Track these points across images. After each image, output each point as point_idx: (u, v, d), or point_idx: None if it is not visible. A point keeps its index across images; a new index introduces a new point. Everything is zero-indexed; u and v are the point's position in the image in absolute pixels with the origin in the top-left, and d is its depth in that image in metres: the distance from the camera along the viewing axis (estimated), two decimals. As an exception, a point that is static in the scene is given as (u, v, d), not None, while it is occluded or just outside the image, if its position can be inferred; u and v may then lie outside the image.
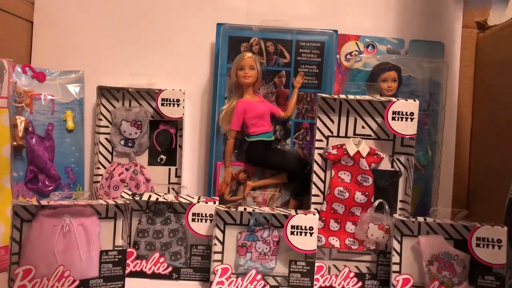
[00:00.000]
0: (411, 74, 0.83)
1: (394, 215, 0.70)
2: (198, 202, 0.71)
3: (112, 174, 0.84)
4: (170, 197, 0.73)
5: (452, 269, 0.67)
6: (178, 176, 0.87)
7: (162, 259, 0.72)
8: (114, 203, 0.68)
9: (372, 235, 0.71)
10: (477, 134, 0.89)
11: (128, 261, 0.71)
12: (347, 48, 0.86)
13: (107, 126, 0.86)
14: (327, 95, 0.73)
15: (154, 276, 0.72)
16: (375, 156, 0.73)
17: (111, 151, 0.86)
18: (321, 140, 0.74)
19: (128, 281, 0.69)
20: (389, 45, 0.86)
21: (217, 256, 0.68)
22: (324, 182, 0.74)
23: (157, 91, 0.84)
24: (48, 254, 0.64)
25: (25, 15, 0.88)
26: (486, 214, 0.82)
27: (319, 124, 0.74)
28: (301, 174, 0.79)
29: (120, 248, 0.68)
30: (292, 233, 0.67)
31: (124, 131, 0.85)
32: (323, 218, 0.73)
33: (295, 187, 0.81)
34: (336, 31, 0.82)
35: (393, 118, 0.71)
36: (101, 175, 0.86)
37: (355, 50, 0.86)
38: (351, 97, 0.73)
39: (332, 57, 0.81)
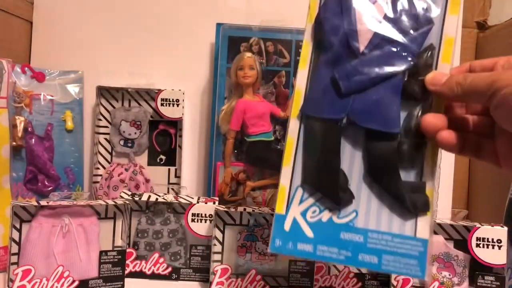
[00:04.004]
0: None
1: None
2: (198, 202, 0.71)
3: (111, 174, 0.84)
4: (170, 198, 0.73)
5: (452, 269, 0.67)
6: (177, 176, 0.86)
7: (161, 260, 0.72)
8: (113, 203, 0.68)
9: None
10: (477, 134, 0.89)
11: (127, 262, 0.70)
12: (347, 48, 0.86)
13: (106, 126, 0.86)
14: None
15: (154, 276, 0.71)
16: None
17: (110, 151, 0.86)
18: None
19: (128, 281, 0.69)
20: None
21: (216, 257, 0.68)
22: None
23: (156, 91, 0.84)
24: (48, 255, 0.64)
25: (24, 15, 0.88)
26: (486, 214, 0.82)
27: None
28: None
29: (120, 249, 0.68)
30: (292, 233, 0.67)
31: (124, 131, 0.85)
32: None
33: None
34: (335, 31, 0.82)
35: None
36: (100, 175, 0.85)
37: (355, 50, 0.86)
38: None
39: (332, 57, 0.81)
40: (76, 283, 0.65)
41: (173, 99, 0.83)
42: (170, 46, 0.90)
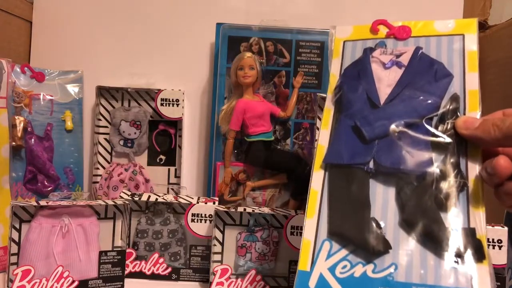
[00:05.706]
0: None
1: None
2: (198, 202, 0.71)
3: (111, 174, 0.84)
4: (170, 198, 0.73)
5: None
6: (177, 176, 0.86)
7: (161, 260, 0.72)
8: (113, 203, 0.68)
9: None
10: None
11: (127, 262, 0.70)
12: (347, 48, 0.86)
13: (106, 126, 0.86)
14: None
15: (154, 276, 0.71)
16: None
17: (110, 151, 0.86)
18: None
19: (128, 281, 0.68)
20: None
21: (216, 257, 0.68)
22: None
23: (156, 91, 0.84)
24: (47, 255, 0.64)
25: (24, 15, 0.88)
26: (486, 214, 0.82)
27: (319, 124, 0.74)
28: (301, 174, 0.79)
29: (119, 249, 0.68)
30: (292, 233, 0.67)
31: (123, 131, 0.85)
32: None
33: (295, 188, 0.81)
34: (336, 31, 0.82)
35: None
36: (100, 175, 0.85)
37: (355, 50, 0.85)
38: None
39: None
40: (76, 283, 0.65)
41: (173, 99, 0.83)
42: (170, 46, 0.90)
